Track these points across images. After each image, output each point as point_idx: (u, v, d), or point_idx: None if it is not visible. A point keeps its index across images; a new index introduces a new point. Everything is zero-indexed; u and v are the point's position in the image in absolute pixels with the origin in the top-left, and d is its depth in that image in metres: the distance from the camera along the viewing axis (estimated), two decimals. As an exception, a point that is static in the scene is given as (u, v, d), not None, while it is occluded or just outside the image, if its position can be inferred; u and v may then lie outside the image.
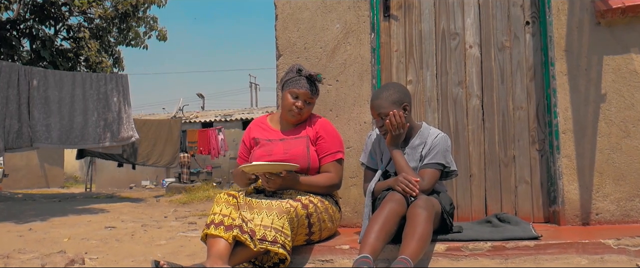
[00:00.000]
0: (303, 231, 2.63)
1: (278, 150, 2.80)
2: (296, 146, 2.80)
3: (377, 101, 2.63)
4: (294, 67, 2.85)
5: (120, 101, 8.15)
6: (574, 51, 2.95)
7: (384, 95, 2.62)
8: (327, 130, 2.86)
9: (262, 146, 2.85)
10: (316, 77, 2.82)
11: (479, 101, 3.17)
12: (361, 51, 3.23)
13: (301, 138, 2.83)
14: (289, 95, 2.81)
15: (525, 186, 3.07)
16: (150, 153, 11.31)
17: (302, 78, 2.80)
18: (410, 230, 2.28)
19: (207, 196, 8.58)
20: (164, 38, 11.79)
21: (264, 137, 2.89)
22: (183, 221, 5.66)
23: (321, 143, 2.82)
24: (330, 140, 2.83)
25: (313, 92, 2.82)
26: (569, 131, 2.94)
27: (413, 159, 2.66)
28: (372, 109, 2.67)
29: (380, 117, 2.63)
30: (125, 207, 7.96)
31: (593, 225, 2.88)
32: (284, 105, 2.84)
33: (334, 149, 2.83)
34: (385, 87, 2.70)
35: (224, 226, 2.45)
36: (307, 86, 2.79)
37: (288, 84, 2.83)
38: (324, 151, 2.81)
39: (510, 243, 2.49)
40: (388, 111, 2.59)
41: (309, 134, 2.84)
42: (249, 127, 3.01)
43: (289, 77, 2.84)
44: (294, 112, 2.80)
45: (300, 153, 2.77)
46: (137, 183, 18.58)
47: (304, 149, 2.78)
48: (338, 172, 2.82)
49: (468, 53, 3.20)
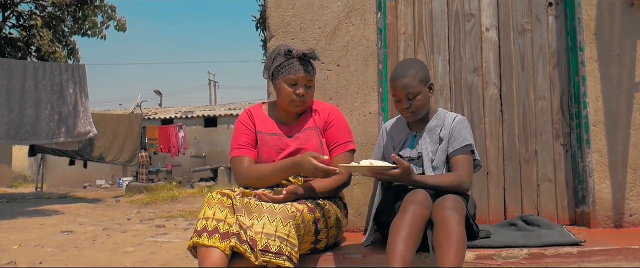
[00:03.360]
0: (309, 238, 2.23)
1: (287, 146, 2.39)
2: (308, 140, 2.39)
3: (405, 79, 2.26)
4: (280, 49, 2.40)
5: (77, 93, 7.50)
6: (605, 35, 2.67)
7: (411, 72, 2.26)
8: (337, 118, 2.46)
9: (267, 142, 2.43)
10: (311, 54, 2.39)
11: (496, 90, 2.85)
12: (366, 32, 2.86)
13: (311, 130, 2.42)
14: (285, 85, 2.37)
15: (549, 184, 2.77)
16: (109, 150, 10.57)
17: (295, 60, 2.36)
18: (445, 236, 1.93)
19: (171, 196, 8.05)
20: (123, 28, 11.14)
21: (267, 130, 2.46)
22: (149, 224, 5.16)
23: (331, 132, 2.43)
24: (340, 128, 2.44)
25: (311, 72, 2.40)
26: (599, 123, 2.65)
27: (432, 141, 2.35)
28: (398, 89, 2.29)
29: (407, 97, 2.27)
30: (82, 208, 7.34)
31: (626, 227, 2.61)
32: (283, 97, 2.39)
33: (346, 138, 2.44)
34: (407, 63, 2.34)
35: (219, 234, 2.02)
36: (303, 68, 2.36)
37: (280, 72, 2.39)
38: (334, 140, 2.42)
39: (549, 249, 2.17)
40: (418, 90, 2.26)
41: (317, 123, 2.44)
42: (247, 116, 2.52)
43: (278, 62, 2.39)
44: (297, 101, 2.37)
45: (313, 148, 2.37)
46: (92, 183, 17.73)
47: (318, 143, 2.39)
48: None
49: (484, 36, 2.87)
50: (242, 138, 2.45)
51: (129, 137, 10.97)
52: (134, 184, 11.36)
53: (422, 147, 2.34)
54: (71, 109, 7.46)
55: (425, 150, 2.33)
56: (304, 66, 2.36)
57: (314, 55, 2.39)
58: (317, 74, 2.86)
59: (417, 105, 2.28)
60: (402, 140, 2.40)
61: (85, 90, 7.72)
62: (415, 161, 2.34)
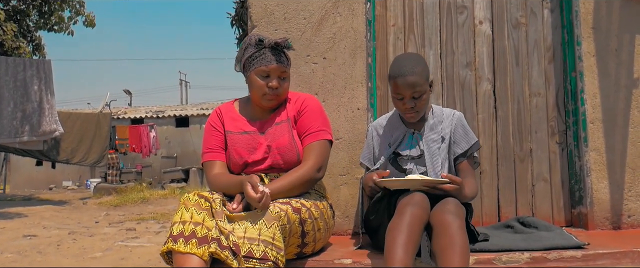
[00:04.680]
0: (295, 241, 2.06)
1: (259, 145, 2.20)
2: (279, 135, 2.19)
3: (412, 77, 2.09)
4: (251, 39, 2.20)
5: (42, 90, 7.14)
6: (603, 29, 2.57)
7: (418, 69, 2.10)
8: (310, 105, 2.23)
9: (237, 141, 2.22)
10: (284, 43, 2.18)
11: (490, 86, 2.72)
12: (354, 23, 2.70)
13: (282, 124, 2.21)
14: (257, 77, 2.16)
15: (544, 184, 2.65)
16: (76, 150, 10.13)
17: (267, 50, 2.16)
18: (448, 242, 1.78)
19: (142, 198, 7.75)
20: (92, 24, 10.75)
21: (237, 129, 2.25)
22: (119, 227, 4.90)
23: (302, 120, 2.20)
24: (312, 115, 2.20)
25: (285, 63, 2.18)
26: (597, 121, 2.55)
27: (434, 140, 2.21)
28: (403, 87, 2.10)
29: (412, 96, 2.11)
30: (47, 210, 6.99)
31: (625, 229, 2.51)
32: (255, 90, 2.18)
33: (318, 126, 2.19)
34: (412, 59, 2.15)
35: (197, 238, 1.83)
36: (276, 58, 2.15)
37: (251, 63, 2.18)
38: (305, 129, 2.19)
39: (552, 253, 2.05)
40: (425, 89, 2.12)
41: (289, 114, 2.23)
42: (216, 116, 2.32)
43: (249, 53, 2.18)
44: (270, 95, 2.17)
45: (285, 144, 2.17)
46: (58, 184, 17.17)
47: (289, 137, 2.18)
48: (318, 156, 2.14)
49: (478, 30, 2.75)
50: (211, 141, 2.25)
51: (98, 137, 10.55)
52: (102, 185, 10.95)
53: (424, 146, 2.19)
54: (36, 107, 7.09)
55: (427, 149, 2.18)
56: (276, 56, 2.15)
57: (287, 45, 2.18)
58: (302, 67, 2.70)
59: (421, 104, 2.13)
60: (398, 138, 2.24)
61: (51, 87, 7.35)
62: (416, 160, 2.19)
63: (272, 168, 2.19)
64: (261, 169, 2.19)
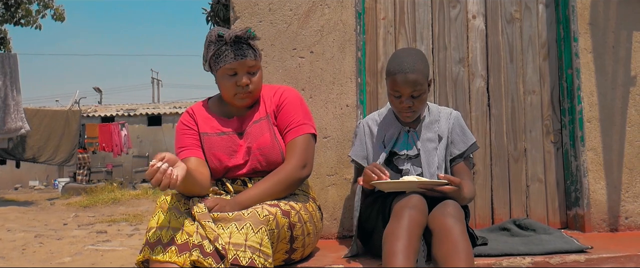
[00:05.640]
0: (283, 247, 1.91)
1: (239, 147, 2.02)
2: (259, 135, 2.00)
3: (413, 76, 1.95)
4: (211, 35, 1.98)
5: (7, 85, 6.81)
6: (600, 25, 2.49)
7: (419, 66, 1.96)
8: (290, 97, 2.05)
9: (214, 144, 2.03)
10: (245, 34, 1.96)
11: (483, 83, 2.62)
12: (343, 16, 2.56)
13: (261, 121, 2.03)
14: (224, 76, 1.97)
15: (539, 185, 2.56)
16: (43, 149, 9.71)
17: (228, 46, 1.95)
18: (451, 247, 1.66)
19: (113, 198, 7.46)
20: (61, 18, 10.37)
21: (213, 130, 2.06)
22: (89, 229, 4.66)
23: (282, 114, 2.03)
24: (293, 108, 2.03)
25: (251, 55, 1.97)
26: (594, 119, 2.47)
27: (431, 139, 2.09)
28: (402, 85, 1.96)
29: (412, 95, 1.98)
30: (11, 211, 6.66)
31: (622, 231, 2.44)
32: (226, 90, 2.00)
33: (299, 120, 2.01)
34: (412, 55, 2.00)
35: (177, 245, 1.68)
36: (240, 53, 1.94)
37: (217, 62, 1.97)
38: (286, 124, 2.01)
39: (555, 257, 1.96)
40: (425, 89, 1.99)
41: (268, 110, 2.05)
42: (188, 116, 2.11)
43: (212, 51, 1.98)
44: (241, 94, 1.98)
45: (266, 144, 1.99)
46: (24, 184, 16.61)
47: (270, 136, 2.00)
48: (302, 152, 1.97)
49: (471, 24, 2.64)
50: (185, 140, 2.05)
51: (67, 135, 10.15)
52: (71, 185, 10.57)
53: (420, 145, 2.07)
54: (0, 103, 6.76)
55: (424, 149, 2.06)
56: (240, 51, 1.95)
57: (250, 35, 1.96)
58: (287, 61, 2.55)
59: (419, 104, 2.01)
60: (393, 137, 2.11)
61: (17, 83, 7.02)
62: (413, 160, 2.06)
63: (256, 172, 2.02)
64: (243, 174, 2.02)
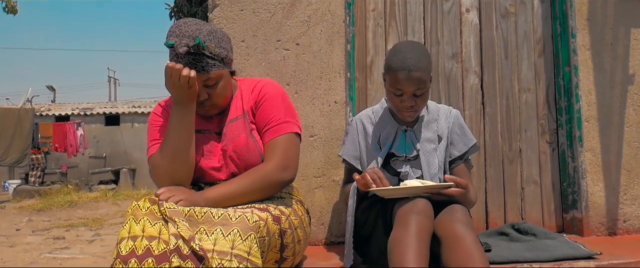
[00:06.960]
0: (273, 256, 1.72)
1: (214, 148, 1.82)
2: (236, 136, 1.80)
3: (418, 73, 1.78)
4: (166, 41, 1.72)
5: (-47, 80, 6.31)
6: (598, 21, 2.40)
7: (423, 63, 1.80)
8: (270, 92, 1.84)
9: None
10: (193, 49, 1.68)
11: (477, 79, 2.50)
12: (331, 6, 2.39)
13: (238, 120, 1.83)
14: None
15: (534, 187, 2.45)
16: (-7, 149, 9.17)
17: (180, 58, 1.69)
18: (464, 256, 1.52)
19: (69, 201, 7.05)
20: (14, 11, 9.76)
21: None
22: (44, 235, 4.32)
23: (260, 112, 1.82)
24: (273, 104, 1.82)
25: (206, 68, 1.71)
26: (592, 119, 2.38)
27: (430, 139, 1.94)
28: (406, 83, 1.79)
29: (414, 94, 1.82)
30: (-43, 216, 6.19)
31: (621, 234, 2.35)
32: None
33: (280, 118, 1.80)
34: (416, 50, 1.82)
35: (154, 257, 1.45)
36: (195, 66, 1.69)
37: None
38: (264, 122, 1.81)
39: (564, 264, 1.85)
40: (428, 87, 1.85)
41: (245, 107, 1.84)
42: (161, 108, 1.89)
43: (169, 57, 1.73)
44: (202, 107, 1.78)
45: (242, 145, 1.79)
46: (-29, 187, 15.66)
47: (246, 137, 1.80)
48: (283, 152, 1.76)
49: (464, 18, 2.51)
50: (157, 132, 1.84)
51: (18, 135, 9.59)
52: (23, 188, 9.99)
53: (420, 146, 1.91)
54: (-55, 99, 6.28)
55: (424, 150, 1.90)
56: (193, 64, 1.69)
57: (198, 49, 1.69)
58: (271, 53, 2.36)
59: (421, 103, 1.86)
60: (389, 137, 1.94)
61: (-36, 78, 6.54)
62: (412, 162, 1.91)
63: (235, 177, 1.82)
64: (222, 179, 1.81)
